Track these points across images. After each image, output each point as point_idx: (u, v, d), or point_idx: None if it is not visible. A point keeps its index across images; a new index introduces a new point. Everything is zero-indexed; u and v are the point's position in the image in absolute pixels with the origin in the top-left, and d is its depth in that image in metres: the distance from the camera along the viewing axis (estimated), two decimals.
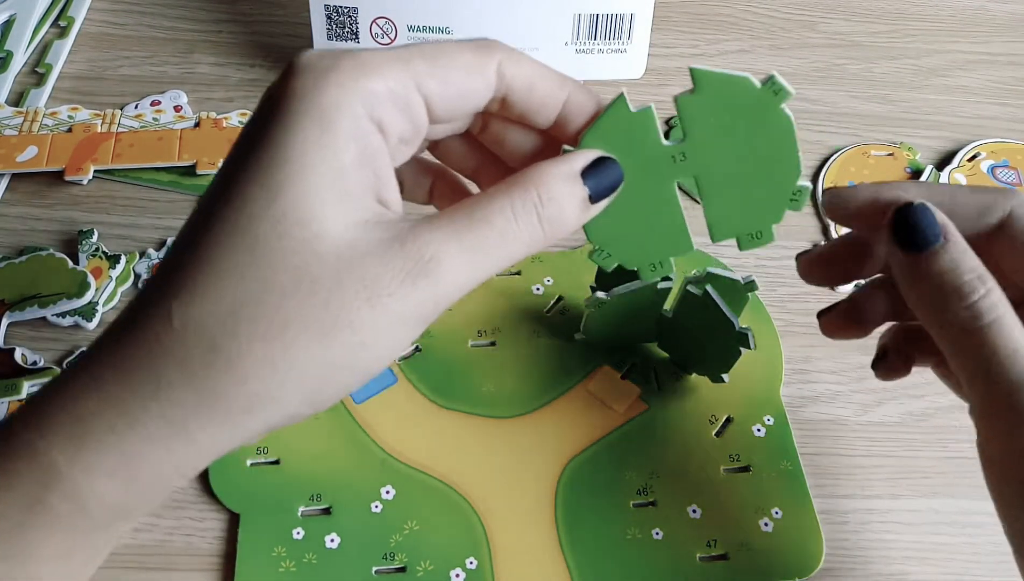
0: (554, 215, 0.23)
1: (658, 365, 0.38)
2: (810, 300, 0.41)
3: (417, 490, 0.34)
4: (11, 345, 0.37)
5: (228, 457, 0.33)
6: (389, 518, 0.33)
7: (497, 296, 0.39)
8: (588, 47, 0.43)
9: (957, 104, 0.51)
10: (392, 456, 0.35)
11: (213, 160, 0.44)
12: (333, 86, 0.21)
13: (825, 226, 0.44)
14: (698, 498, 0.34)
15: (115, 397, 0.20)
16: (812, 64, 0.52)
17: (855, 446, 0.37)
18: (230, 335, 0.20)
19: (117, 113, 0.46)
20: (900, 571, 0.34)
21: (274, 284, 0.20)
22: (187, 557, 0.33)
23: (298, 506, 0.33)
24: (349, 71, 0.21)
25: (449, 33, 0.43)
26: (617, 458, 0.35)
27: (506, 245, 0.22)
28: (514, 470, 0.35)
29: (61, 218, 0.42)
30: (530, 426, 0.36)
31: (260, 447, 0.35)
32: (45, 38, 0.50)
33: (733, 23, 0.54)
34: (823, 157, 0.47)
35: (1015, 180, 0.46)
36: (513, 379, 0.37)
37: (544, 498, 0.34)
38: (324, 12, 0.43)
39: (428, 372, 0.37)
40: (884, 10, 0.56)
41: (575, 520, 0.34)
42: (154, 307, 0.20)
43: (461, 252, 0.22)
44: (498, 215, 0.22)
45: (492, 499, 0.34)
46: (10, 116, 0.45)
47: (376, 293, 0.21)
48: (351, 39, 0.43)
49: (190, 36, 0.51)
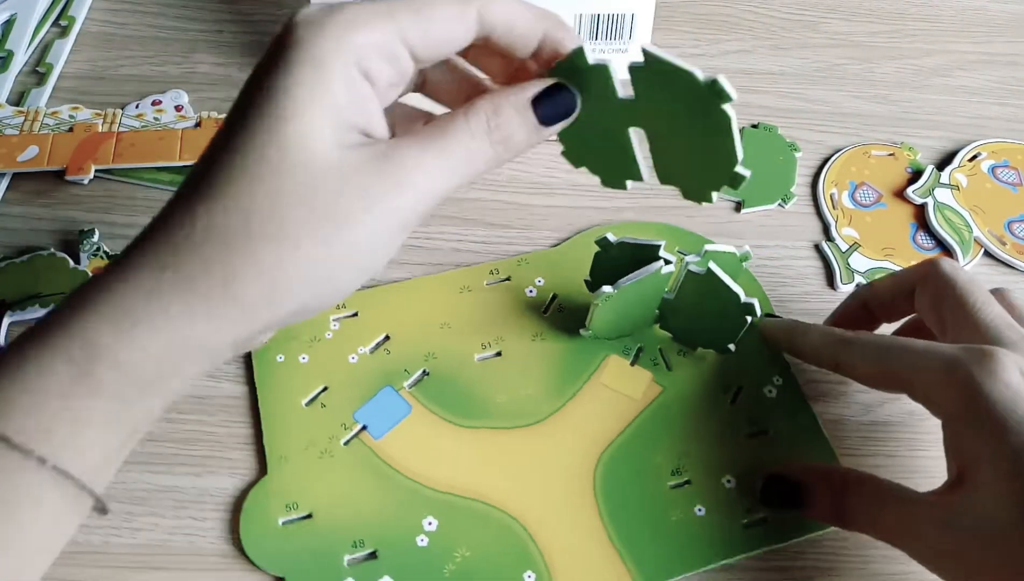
0: (504, 137, 0.27)
1: (663, 346, 0.38)
2: (811, 300, 0.41)
3: (459, 515, 0.33)
4: None
5: (257, 519, 0.33)
6: (437, 549, 0.33)
7: (493, 306, 0.39)
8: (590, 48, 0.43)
9: (958, 104, 0.51)
10: (425, 485, 0.34)
11: None
12: (326, 39, 0.24)
13: (826, 226, 0.44)
14: (730, 469, 0.35)
15: (148, 288, 0.23)
16: (813, 64, 0.52)
17: (857, 446, 0.37)
18: (245, 236, 0.23)
19: (118, 113, 0.46)
20: (901, 571, 0.34)
21: (282, 195, 0.23)
22: (188, 557, 0.33)
23: (343, 556, 0.32)
24: (340, 25, 0.24)
25: None
26: (645, 444, 0.35)
27: (471, 159, 0.26)
28: (548, 476, 0.35)
29: (62, 218, 0.42)
30: (553, 429, 0.36)
31: (289, 503, 0.33)
32: (46, 38, 0.50)
33: (734, 23, 0.54)
34: (824, 157, 0.47)
35: (1016, 179, 0.46)
36: (526, 386, 0.37)
37: (584, 497, 0.34)
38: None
39: (440, 394, 0.36)
40: (884, 10, 0.56)
41: (619, 513, 0.34)
42: (179, 212, 0.24)
43: (435, 163, 0.25)
44: (461, 132, 0.26)
45: (533, 509, 0.34)
46: (11, 116, 0.45)
47: (368, 200, 0.24)
48: None
49: (191, 36, 0.51)
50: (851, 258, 0.43)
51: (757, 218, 0.45)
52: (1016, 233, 0.44)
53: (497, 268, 0.40)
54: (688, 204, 0.30)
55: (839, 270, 0.42)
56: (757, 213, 0.45)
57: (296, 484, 0.34)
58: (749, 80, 0.51)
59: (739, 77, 0.51)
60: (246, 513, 0.33)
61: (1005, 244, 0.44)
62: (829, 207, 0.45)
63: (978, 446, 0.28)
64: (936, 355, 0.30)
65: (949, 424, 0.29)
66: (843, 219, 0.44)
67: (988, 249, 0.43)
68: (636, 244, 0.35)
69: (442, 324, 0.38)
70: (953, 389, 0.29)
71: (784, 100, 0.50)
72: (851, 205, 0.45)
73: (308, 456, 0.34)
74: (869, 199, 0.45)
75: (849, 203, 0.45)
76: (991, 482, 0.27)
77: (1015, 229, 0.44)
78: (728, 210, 0.45)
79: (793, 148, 0.47)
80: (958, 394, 0.28)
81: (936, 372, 0.29)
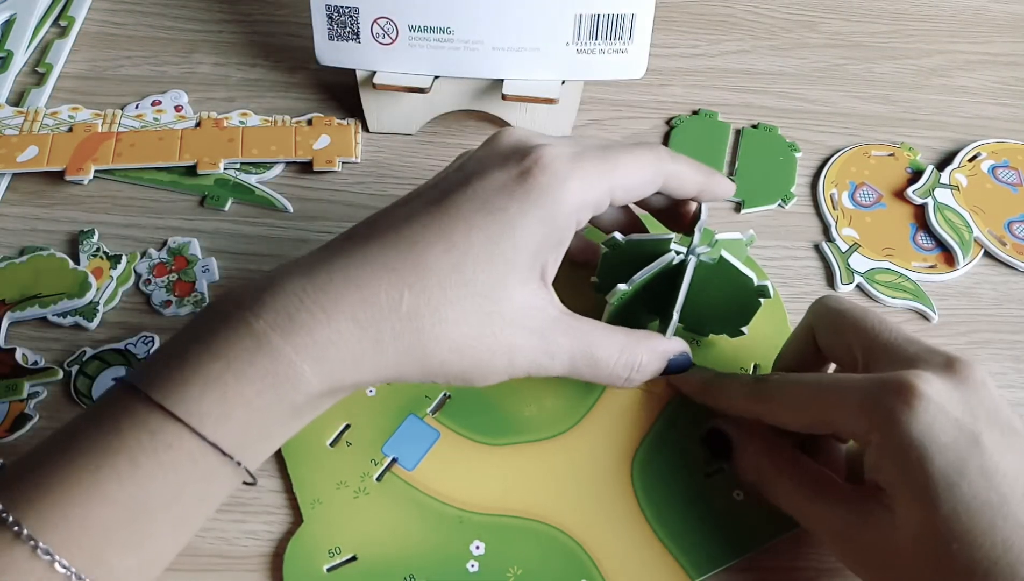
0: (637, 378, 0.33)
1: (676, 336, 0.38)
2: (811, 301, 0.41)
3: (505, 535, 0.33)
4: (12, 345, 0.37)
5: (301, 569, 0.32)
6: (489, 573, 0.32)
7: None
8: (589, 47, 0.43)
9: (958, 104, 0.51)
10: (466, 510, 0.34)
11: (214, 160, 0.44)
12: (566, 196, 0.29)
13: (826, 226, 0.44)
14: None
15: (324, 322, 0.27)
16: (812, 64, 0.52)
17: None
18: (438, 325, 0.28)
19: (118, 113, 0.46)
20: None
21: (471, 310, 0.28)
22: (189, 557, 0.33)
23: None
24: (578, 182, 0.29)
25: (450, 33, 0.43)
26: (675, 437, 0.36)
27: (600, 379, 0.32)
28: (586, 482, 0.34)
29: (62, 218, 0.42)
30: (584, 435, 0.36)
31: (331, 548, 0.32)
32: (45, 38, 0.50)
33: (734, 23, 0.54)
34: (824, 157, 0.47)
35: (1016, 180, 0.46)
36: (550, 396, 0.36)
37: (625, 498, 0.34)
38: (325, 12, 0.43)
39: (466, 416, 0.36)
40: (884, 10, 0.56)
41: (661, 510, 0.34)
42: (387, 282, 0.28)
43: (572, 366, 0.31)
44: (606, 358, 0.32)
45: (577, 517, 0.34)
46: (10, 116, 0.45)
47: (514, 356, 0.30)
48: (352, 39, 0.43)
49: (191, 36, 0.51)
50: (851, 258, 0.43)
51: (757, 218, 0.45)
52: (1016, 233, 0.44)
53: None
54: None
55: (839, 270, 0.42)
56: (757, 213, 0.45)
57: (335, 527, 0.33)
58: (749, 80, 0.51)
59: (739, 77, 0.51)
60: (288, 564, 0.32)
61: (1005, 244, 0.44)
62: (829, 207, 0.45)
63: (897, 475, 0.28)
64: (850, 392, 0.29)
65: (872, 451, 0.29)
66: (843, 219, 0.44)
67: (988, 249, 0.43)
68: (646, 240, 0.35)
69: None
70: (872, 426, 0.28)
71: (784, 100, 0.50)
72: (851, 205, 0.45)
73: (342, 497, 0.34)
74: (869, 199, 0.45)
75: (849, 203, 0.45)
76: (905, 508, 0.28)
77: (1015, 229, 0.44)
78: (728, 210, 0.45)
79: (793, 148, 0.47)
80: (877, 430, 0.28)
81: (852, 409, 0.29)
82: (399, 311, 0.27)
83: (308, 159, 0.45)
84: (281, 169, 0.45)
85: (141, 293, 0.40)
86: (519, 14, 0.42)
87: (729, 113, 0.49)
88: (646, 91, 0.50)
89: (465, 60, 0.44)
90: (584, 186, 0.30)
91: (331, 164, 0.45)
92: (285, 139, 0.46)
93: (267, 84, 0.49)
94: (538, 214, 0.29)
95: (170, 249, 0.41)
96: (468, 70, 0.44)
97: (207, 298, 0.40)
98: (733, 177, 0.46)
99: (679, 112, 0.49)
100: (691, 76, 0.51)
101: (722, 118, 0.49)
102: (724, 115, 0.49)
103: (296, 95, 0.48)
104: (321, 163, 0.45)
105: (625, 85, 0.50)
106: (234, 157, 0.44)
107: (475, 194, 0.29)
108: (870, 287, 0.42)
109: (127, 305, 0.39)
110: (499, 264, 0.28)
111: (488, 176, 0.29)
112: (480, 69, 0.44)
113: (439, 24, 0.42)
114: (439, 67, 0.44)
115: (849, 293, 0.42)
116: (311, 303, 0.27)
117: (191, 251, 0.41)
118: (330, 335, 0.27)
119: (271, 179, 0.45)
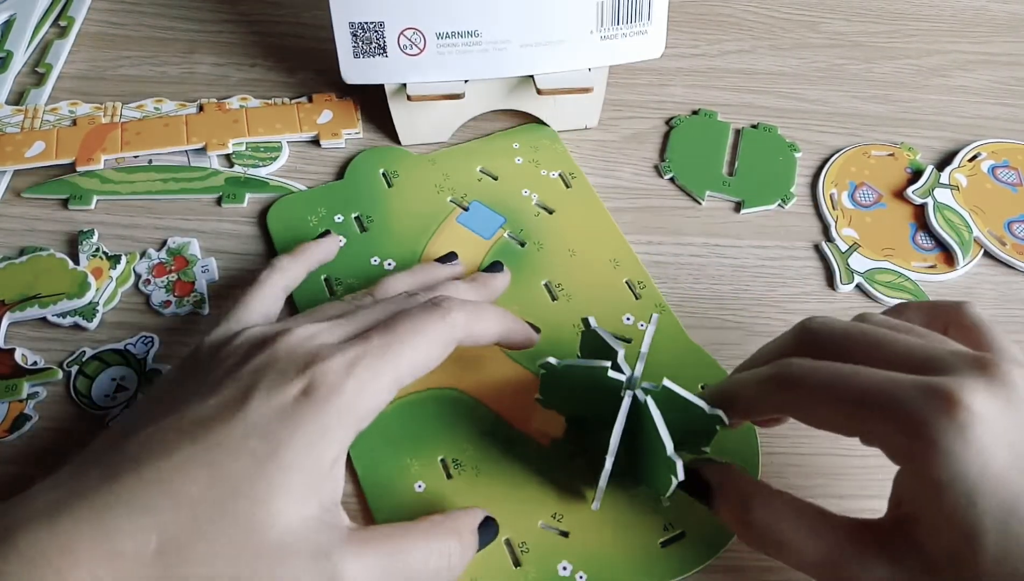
0: (458, 564, 0.29)
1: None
2: (810, 301, 0.41)
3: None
4: (11, 345, 0.37)
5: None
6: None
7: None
8: (612, 32, 0.43)
9: (957, 104, 0.51)
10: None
11: (223, 140, 0.45)
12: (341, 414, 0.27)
13: (825, 226, 0.44)
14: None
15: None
16: (812, 64, 0.52)
17: (854, 446, 0.37)
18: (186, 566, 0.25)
19: (118, 105, 0.46)
20: None
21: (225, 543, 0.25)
22: None
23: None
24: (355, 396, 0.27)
25: (478, 36, 0.42)
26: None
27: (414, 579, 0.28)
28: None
29: (61, 218, 0.42)
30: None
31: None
32: (45, 38, 0.50)
33: (734, 23, 0.54)
34: (823, 157, 0.47)
35: (1015, 180, 0.46)
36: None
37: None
38: (349, 30, 0.42)
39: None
40: (884, 10, 0.56)
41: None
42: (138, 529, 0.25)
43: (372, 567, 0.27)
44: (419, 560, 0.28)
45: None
46: (10, 114, 0.45)
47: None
48: (379, 54, 0.43)
49: (191, 36, 0.51)
50: (851, 258, 0.43)
51: (757, 218, 0.45)
52: (1016, 233, 0.44)
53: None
54: (687, 204, 0.30)
55: (839, 270, 0.42)
56: (757, 213, 0.45)
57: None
58: (749, 80, 0.51)
59: (739, 77, 0.51)
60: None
61: (1005, 244, 0.44)
62: (829, 207, 0.45)
63: (936, 508, 0.24)
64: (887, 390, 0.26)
65: (905, 473, 0.26)
66: (843, 219, 0.44)
67: (988, 249, 0.43)
68: (579, 366, 0.31)
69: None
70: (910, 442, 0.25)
71: (784, 100, 0.50)
72: (851, 205, 0.45)
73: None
74: (869, 199, 0.45)
75: (849, 203, 0.45)
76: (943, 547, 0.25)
77: (1015, 229, 0.44)
78: (728, 210, 0.45)
79: (793, 148, 0.47)
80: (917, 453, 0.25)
81: (889, 413, 0.25)
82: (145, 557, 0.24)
83: (314, 134, 0.46)
84: (287, 157, 0.45)
85: (141, 293, 0.40)
86: (544, 8, 0.42)
87: (729, 113, 0.49)
88: (646, 91, 0.50)
89: (494, 61, 0.44)
90: (365, 395, 0.28)
91: (337, 137, 0.46)
92: (288, 117, 0.46)
93: (267, 84, 0.49)
94: (311, 436, 0.26)
95: (169, 249, 0.41)
96: (498, 70, 0.44)
97: (206, 298, 0.40)
98: (733, 177, 0.46)
99: (679, 112, 0.49)
100: (691, 76, 0.51)
101: (722, 118, 0.49)
102: (724, 115, 0.49)
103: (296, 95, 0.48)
104: (327, 137, 0.46)
105: (625, 85, 0.50)
106: (241, 137, 0.45)
107: (248, 420, 0.27)
108: (870, 287, 0.42)
109: (127, 305, 0.39)
110: (262, 489, 0.26)
111: (265, 398, 0.27)
112: (510, 68, 0.44)
113: (467, 28, 0.42)
114: (469, 71, 0.44)
115: (849, 293, 0.42)
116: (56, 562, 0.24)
117: (190, 251, 0.41)
118: None
119: (278, 169, 0.45)
